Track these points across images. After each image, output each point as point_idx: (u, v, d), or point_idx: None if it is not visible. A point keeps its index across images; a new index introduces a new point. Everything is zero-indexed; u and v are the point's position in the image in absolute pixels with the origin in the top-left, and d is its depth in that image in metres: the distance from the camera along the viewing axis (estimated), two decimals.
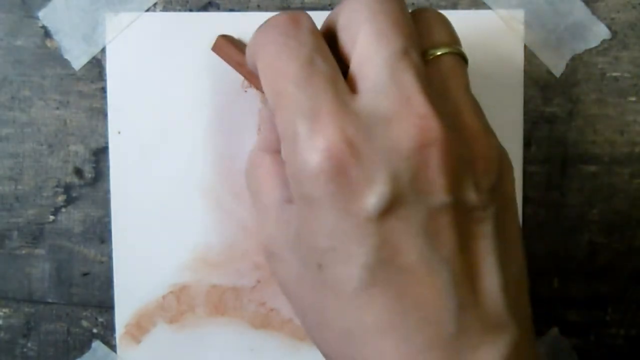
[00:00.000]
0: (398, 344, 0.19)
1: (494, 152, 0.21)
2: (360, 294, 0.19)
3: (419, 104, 0.19)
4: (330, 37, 0.22)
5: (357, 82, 0.20)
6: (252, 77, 0.26)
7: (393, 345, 0.19)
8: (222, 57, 0.27)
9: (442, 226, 0.19)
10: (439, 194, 0.19)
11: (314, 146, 0.19)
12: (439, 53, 0.21)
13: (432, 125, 0.19)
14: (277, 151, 0.23)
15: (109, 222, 0.30)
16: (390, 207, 0.19)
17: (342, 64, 0.21)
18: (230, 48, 0.27)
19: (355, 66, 0.20)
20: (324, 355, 0.22)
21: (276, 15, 0.21)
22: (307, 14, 0.21)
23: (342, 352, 0.20)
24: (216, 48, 0.28)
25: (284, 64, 0.20)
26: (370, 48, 0.20)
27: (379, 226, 0.19)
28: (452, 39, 0.22)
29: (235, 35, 0.30)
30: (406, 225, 0.19)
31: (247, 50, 0.23)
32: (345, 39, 0.21)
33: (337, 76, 0.20)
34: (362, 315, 0.19)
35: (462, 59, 0.22)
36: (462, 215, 0.20)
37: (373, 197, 0.18)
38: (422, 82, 0.20)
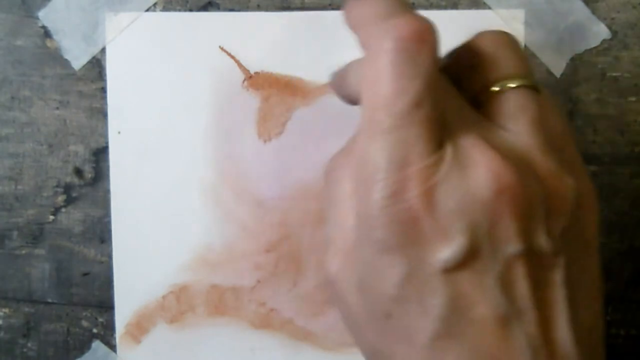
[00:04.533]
0: None
1: (567, 193, 0.20)
2: (433, 345, 0.19)
3: (487, 150, 0.19)
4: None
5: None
6: None
7: None
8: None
9: (517, 277, 0.19)
10: (513, 242, 0.19)
11: (394, 195, 0.18)
12: (507, 86, 0.21)
13: (503, 171, 0.18)
14: None
15: (109, 222, 0.30)
16: (467, 260, 0.18)
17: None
18: None
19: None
20: None
21: (401, 21, 0.19)
22: (434, 27, 0.19)
23: None
24: None
25: (391, 95, 0.19)
26: None
27: (454, 278, 0.18)
28: (520, 69, 0.21)
29: (235, 35, 0.30)
30: (481, 276, 0.18)
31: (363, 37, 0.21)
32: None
33: (436, 124, 0.19)
34: None
35: (533, 89, 0.21)
36: (535, 263, 0.19)
37: (449, 251, 0.18)
38: (483, 128, 0.20)
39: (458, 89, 0.21)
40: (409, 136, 0.19)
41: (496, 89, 0.21)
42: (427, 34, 0.19)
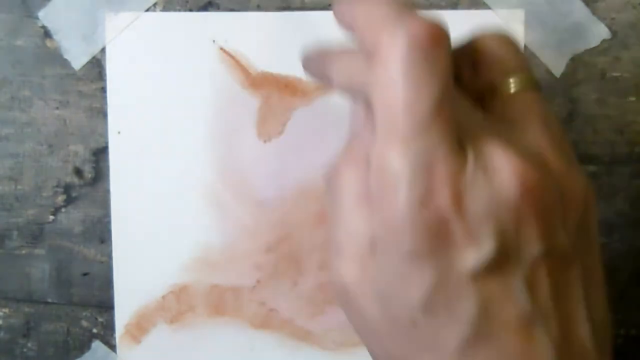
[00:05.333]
0: None
1: (579, 190, 0.20)
2: (461, 351, 0.19)
3: (509, 153, 0.19)
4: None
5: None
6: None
7: None
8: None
9: (540, 277, 0.19)
10: (538, 243, 0.18)
11: (422, 201, 0.18)
12: (513, 85, 0.21)
13: (528, 173, 0.18)
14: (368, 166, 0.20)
15: (109, 222, 0.30)
16: (496, 263, 0.18)
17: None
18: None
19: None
20: None
21: (415, 22, 0.18)
22: (446, 28, 0.19)
23: None
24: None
25: (410, 101, 0.18)
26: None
27: (483, 282, 0.18)
28: (523, 67, 0.21)
29: (235, 35, 0.30)
30: (509, 279, 0.18)
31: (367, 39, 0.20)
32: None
33: (455, 128, 0.19)
34: None
35: (536, 86, 0.21)
36: (555, 262, 0.19)
37: (478, 255, 0.18)
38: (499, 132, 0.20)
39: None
40: (432, 142, 0.18)
41: (504, 89, 0.21)
42: (442, 36, 0.19)
